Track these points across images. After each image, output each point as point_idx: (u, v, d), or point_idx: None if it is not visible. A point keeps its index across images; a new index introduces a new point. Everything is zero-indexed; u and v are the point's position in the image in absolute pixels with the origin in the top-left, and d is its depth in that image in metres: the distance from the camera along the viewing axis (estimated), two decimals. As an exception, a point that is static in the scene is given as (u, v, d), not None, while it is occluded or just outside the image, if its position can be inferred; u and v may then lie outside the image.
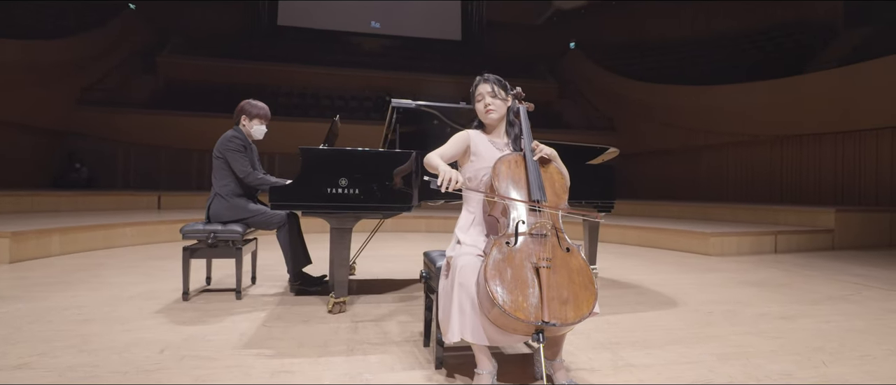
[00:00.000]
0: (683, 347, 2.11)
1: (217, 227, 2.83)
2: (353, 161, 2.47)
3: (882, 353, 2.08)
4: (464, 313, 1.56)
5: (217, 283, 3.27)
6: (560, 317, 1.46)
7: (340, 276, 2.55)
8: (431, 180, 1.65)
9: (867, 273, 4.10)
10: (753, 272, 4.14)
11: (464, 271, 1.58)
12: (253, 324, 2.37)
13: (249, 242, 3.09)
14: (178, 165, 10.42)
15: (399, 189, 2.52)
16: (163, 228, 5.42)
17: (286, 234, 2.95)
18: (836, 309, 2.86)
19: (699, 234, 5.19)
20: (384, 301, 2.90)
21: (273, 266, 3.92)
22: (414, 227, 7.03)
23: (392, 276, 3.72)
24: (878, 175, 7.94)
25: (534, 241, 1.59)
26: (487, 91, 1.90)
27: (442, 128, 2.87)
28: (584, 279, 1.55)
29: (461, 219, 1.89)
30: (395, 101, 2.58)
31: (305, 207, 2.45)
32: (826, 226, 5.88)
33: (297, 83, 13.39)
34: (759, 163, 9.78)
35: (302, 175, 2.45)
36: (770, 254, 5.32)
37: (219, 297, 2.89)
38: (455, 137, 1.91)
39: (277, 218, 2.94)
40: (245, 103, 3.06)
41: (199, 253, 2.84)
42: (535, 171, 1.73)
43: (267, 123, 3.10)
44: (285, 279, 3.41)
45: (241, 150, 2.93)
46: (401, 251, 5.12)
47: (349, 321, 2.44)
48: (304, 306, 2.71)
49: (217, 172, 2.95)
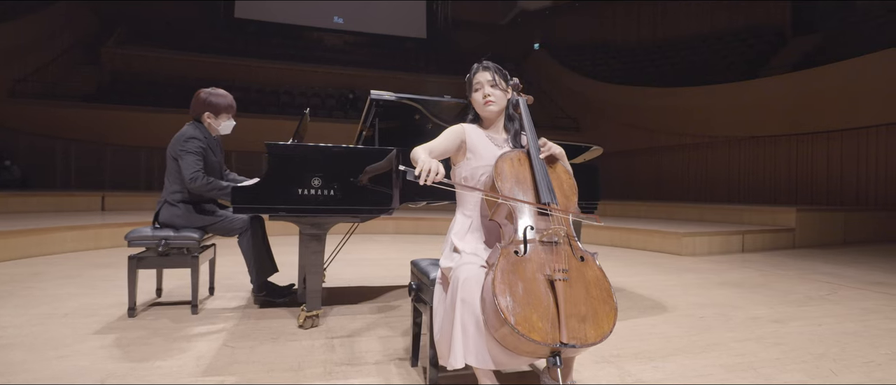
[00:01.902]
0: (687, 358, 1.99)
1: (169, 232, 2.50)
2: (327, 159, 2.22)
3: (883, 359, 2.03)
4: (467, 334, 1.36)
5: (169, 295, 2.92)
6: (579, 337, 1.28)
7: (313, 287, 2.29)
8: (408, 170, 1.40)
9: (834, 271, 4.18)
10: (728, 272, 4.14)
11: (466, 285, 1.38)
12: (213, 344, 2.08)
13: (207, 249, 2.77)
14: (125, 164, 9.69)
15: (378, 189, 2.29)
16: (107, 233, 4.93)
17: (249, 241, 2.65)
18: (822, 310, 2.83)
19: (672, 234, 5.19)
20: (360, 312, 2.65)
21: (233, 274, 3.59)
22: (382, 229, 6.77)
23: (365, 283, 3.47)
24: (829, 175, 8.30)
25: (545, 249, 1.41)
26: (487, 80, 1.70)
27: (423, 123, 2.65)
28: (602, 292, 1.38)
29: (456, 224, 1.69)
30: (374, 93, 2.35)
31: (273, 211, 2.18)
32: (787, 225, 6.04)
33: (255, 78, 12.81)
34: (718, 163, 10.07)
35: (269, 174, 2.18)
36: (738, 253, 5.39)
37: (171, 312, 2.57)
38: (448, 132, 1.70)
39: (239, 223, 2.64)
40: (207, 95, 2.64)
41: (148, 262, 2.50)
42: (542, 171, 1.55)
43: (233, 115, 2.76)
44: (248, 289, 3.10)
45: (197, 151, 2.52)
46: (371, 254, 4.86)
47: (324, 337, 2.19)
48: (271, 321, 2.43)
49: (170, 175, 2.59)
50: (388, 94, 2.37)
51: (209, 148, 2.62)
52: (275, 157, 2.17)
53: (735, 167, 9.72)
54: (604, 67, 14.44)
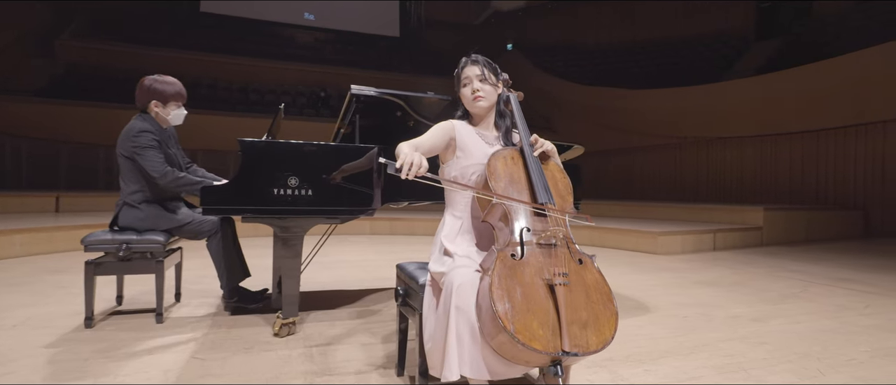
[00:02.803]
0: (677, 360, 1.96)
1: (131, 236, 2.32)
2: (305, 157, 2.10)
3: (864, 356, 2.05)
4: (462, 343, 1.27)
5: (131, 303, 2.73)
6: (581, 344, 1.21)
7: (290, 292, 2.16)
8: (389, 163, 1.30)
9: (803, 268, 4.29)
10: (703, 271, 4.19)
11: (461, 292, 1.29)
12: (180, 355, 1.93)
13: (173, 253, 2.59)
14: (82, 162, 9.18)
15: (359, 189, 2.18)
16: (61, 236, 4.62)
17: (219, 244, 2.49)
18: (798, 308, 2.88)
19: (648, 233, 5.24)
20: (338, 318, 2.53)
21: (200, 278, 3.40)
22: (358, 229, 6.61)
23: (342, 286, 3.34)
24: (791, 176, 8.60)
25: (543, 252, 1.34)
26: (476, 74, 1.62)
27: (405, 121, 2.56)
28: (602, 296, 1.32)
29: (445, 226, 1.60)
30: (355, 88, 2.24)
31: (247, 212, 2.04)
32: (755, 223, 6.20)
33: (222, 75, 12.37)
34: (687, 164, 10.32)
35: (242, 173, 2.04)
36: (710, 251, 5.49)
37: (134, 322, 2.39)
38: (436, 128, 1.61)
39: (208, 225, 2.48)
40: (151, 82, 2.44)
41: (107, 268, 2.32)
42: (537, 169, 1.48)
43: (184, 104, 2.59)
44: (218, 295, 2.93)
45: (153, 145, 2.35)
46: (348, 256, 4.72)
47: (302, 346, 2.06)
48: (243, 329, 2.29)
49: (125, 175, 2.40)
50: (369, 89, 2.27)
51: (162, 141, 2.44)
52: (248, 154, 2.04)
53: (703, 167, 9.98)
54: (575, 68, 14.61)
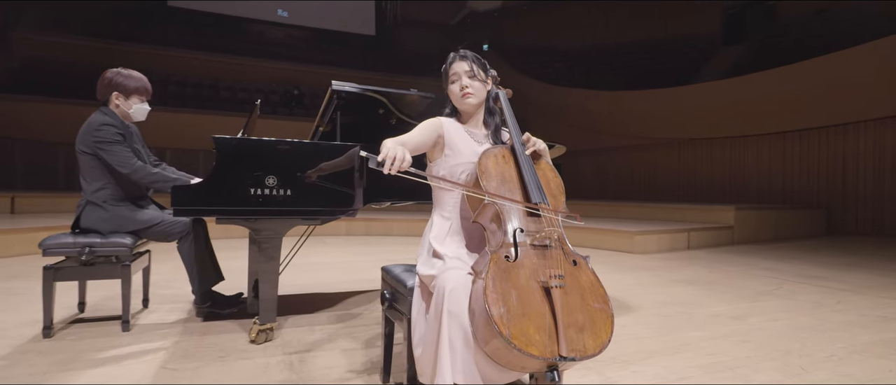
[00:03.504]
0: (664, 360, 1.96)
1: (94, 239, 2.18)
2: (285, 155, 2.01)
3: (843, 352, 2.09)
4: (455, 350, 1.22)
5: (94, 310, 2.58)
6: (578, 349, 1.17)
7: (268, 296, 2.07)
8: (370, 157, 1.23)
9: (774, 266, 4.40)
10: (679, 269, 4.25)
11: (454, 296, 1.24)
12: (149, 366, 1.81)
13: (141, 256, 2.45)
14: (40, 161, 8.74)
15: (340, 189, 2.11)
16: (17, 239, 4.36)
17: (191, 246, 2.37)
18: (774, 305, 2.93)
19: (625, 232, 5.30)
20: (317, 322, 2.44)
21: (170, 281, 3.25)
22: (334, 230, 6.48)
23: (320, 289, 3.25)
24: (759, 176, 8.87)
25: (537, 253, 1.30)
26: (465, 70, 1.57)
27: (387, 118, 2.49)
28: (597, 299, 1.28)
29: (434, 227, 1.54)
30: (336, 84, 2.16)
31: (222, 213, 1.94)
32: (727, 223, 6.35)
33: (191, 71, 11.99)
34: (659, 164, 10.54)
35: (217, 172, 1.94)
36: (684, 250, 5.59)
37: (97, 330, 2.25)
38: (424, 125, 1.56)
39: (179, 227, 2.35)
40: (114, 74, 2.34)
41: (68, 273, 2.17)
42: (529, 168, 1.44)
43: (149, 99, 2.46)
44: (189, 300, 2.80)
45: (117, 139, 2.23)
46: (324, 258, 4.61)
47: (280, 353, 1.97)
48: (218, 336, 2.18)
49: (87, 172, 2.26)
50: (351, 85, 2.19)
51: (126, 136, 2.31)
52: (224, 152, 1.93)
53: (675, 168, 10.20)
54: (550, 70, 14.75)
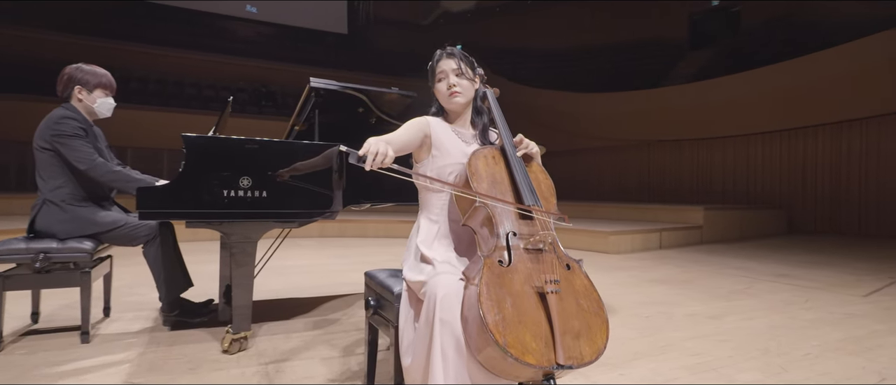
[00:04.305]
0: (650, 362, 1.95)
1: (50, 244, 2.03)
2: (261, 155, 1.91)
3: (818, 350, 2.14)
4: (447, 359, 1.16)
5: (49, 321, 2.40)
6: (575, 356, 1.14)
7: (242, 303, 1.96)
8: (351, 152, 1.17)
9: (744, 265, 4.52)
10: (654, 269, 4.32)
11: (446, 303, 1.18)
12: (113, 381, 1.69)
13: (102, 262, 2.30)
14: (-11, 160, 8.25)
15: (319, 190, 2.02)
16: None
17: (158, 251, 2.23)
18: (748, 304, 2.99)
19: (600, 233, 5.36)
20: (294, 329, 2.34)
21: (133, 287, 3.08)
22: (306, 232, 6.32)
23: (294, 294, 3.13)
24: (724, 177, 9.15)
25: (531, 257, 1.26)
26: (452, 68, 1.52)
27: (367, 118, 2.42)
28: (592, 303, 1.25)
29: (421, 230, 1.48)
30: (314, 81, 2.07)
31: (193, 217, 1.83)
32: (696, 222, 6.51)
33: (155, 68, 11.53)
34: (630, 165, 10.75)
35: (187, 173, 1.83)
36: (657, 249, 5.70)
37: (54, 342, 2.09)
38: (410, 124, 1.50)
39: (144, 230, 2.21)
40: (75, 68, 2.22)
41: (20, 282, 2.01)
42: (521, 170, 1.40)
43: (113, 95, 2.32)
44: (154, 307, 2.65)
45: (78, 133, 2.11)
46: (297, 261, 4.47)
47: (256, 363, 1.87)
48: (188, 346, 2.06)
49: (44, 170, 2.12)
50: (331, 82, 2.11)
51: (88, 133, 2.18)
52: (195, 152, 1.82)
53: (645, 169, 10.42)
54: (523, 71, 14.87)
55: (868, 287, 3.53)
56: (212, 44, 13.08)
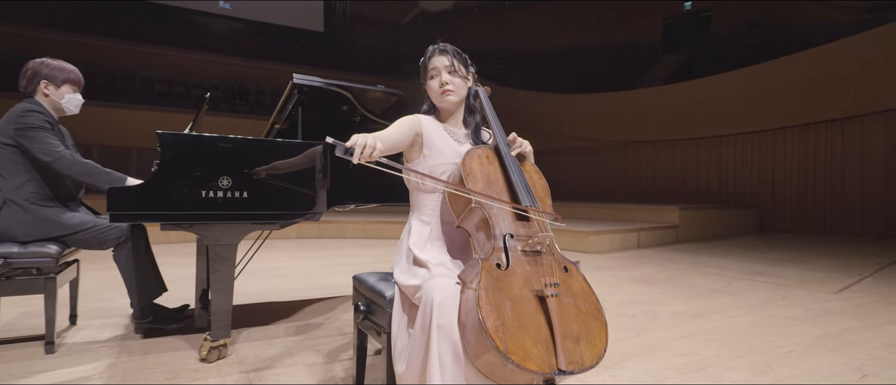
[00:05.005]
0: (640, 362, 1.95)
1: (12, 248, 1.90)
2: (242, 153, 1.83)
3: (800, 347, 2.18)
4: (444, 367, 1.12)
5: (8, 329, 2.26)
6: (576, 361, 1.11)
7: (221, 309, 1.87)
8: (337, 144, 1.11)
9: (720, 263, 4.61)
10: (634, 269, 4.36)
11: (443, 309, 1.14)
12: (81, 394, 1.58)
13: (68, 267, 2.17)
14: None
15: (302, 190, 1.95)
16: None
17: (129, 255, 2.12)
18: (728, 303, 3.04)
19: (581, 233, 5.39)
20: (275, 335, 2.26)
21: (101, 292, 2.93)
22: (283, 233, 6.17)
23: (273, 298, 3.04)
24: (697, 177, 9.36)
25: (529, 260, 1.22)
26: (445, 65, 1.48)
27: (351, 116, 2.35)
28: (590, 306, 1.23)
29: (413, 232, 1.43)
30: (297, 78, 1.99)
31: (169, 219, 1.73)
32: (672, 222, 6.63)
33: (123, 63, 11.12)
34: (607, 166, 10.90)
35: (163, 172, 1.73)
36: (635, 249, 5.77)
37: (14, 354, 1.96)
38: (401, 122, 1.45)
39: (115, 232, 2.10)
40: (40, 62, 2.09)
41: (-20, 289, 1.88)
42: (516, 170, 1.37)
43: (81, 91, 2.21)
44: (125, 314, 2.52)
45: (44, 125, 1.99)
46: (275, 263, 4.35)
47: (237, 372, 1.79)
48: (163, 355, 1.96)
49: (6, 167, 1.98)
50: (314, 79, 2.04)
51: (53, 125, 2.05)
52: (171, 150, 1.73)
53: (621, 169, 10.58)
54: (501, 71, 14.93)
55: (838, 284, 3.63)
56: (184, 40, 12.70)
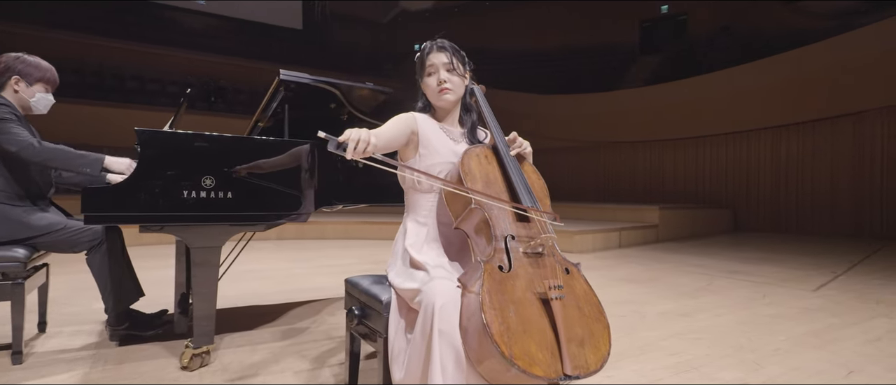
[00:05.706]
0: (632, 363, 1.94)
1: (-24, 252, 1.79)
2: (227, 152, 1.75)
3: (787, 345, 2.21)
4: (446, 373, 1.08)
5: (-26, 338, 2.13)
6: (581, 365, 1.08)
7: (204, 314, 1.79)
8: (330, 139, 1.06)
9: (701, 262, 4.68)
10: (618, 268, 4.40)
11: (444, 313, 1.10)
12: (53, 407, 1.49)
13: (37, 272, 2.05)
14: None
15: (288, 191, 1.88)
16: None
17: (104, 259, 2.01)
18: (713, 301, 3.08)
19: (566, 232, 5.41)
20: (260, 341, 2.18)
21: (71, 297, 2.79)
22: (263, 234, 6.03)
23: (256, 301, 2.95)
24: (675, 178, 9.53)
25: (531, 262, 1.19)
26: (443, 62, 1.43)
27: (338, 114, 2.29)
28: (593, 309, 1.21)
29: (409, 233, 1.39)
30: (284, 74, 1.92)
31: (148, 220, 1.65)
32: (652, 222, 6.72)
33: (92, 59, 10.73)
34: (586, 166, 11.02)
35: (141, 172, 1.64)
36: (617, 248, 5.83)
37: (-20, 363, 1.84)
38: (396, 119, 1.40)
39: (89, 234, 1.99)
40: (14, 59, 1.98)
41: (-60, 296, 1.76)
42: (516, 170, 1.34)
43: (53, 91, 2.10)
44: (98, 320, 2.41)
45: (9, 117, 1.87)
46: (255, 265, 4.24)
47: (221, 379, 1.71)
48: (140, 363, 1.86)
49: None
50: (302, 75, 1.97)
51: (20, 118, 1.94)
52: (151, 148, 1.64)
53: (600, 170, 10.72)
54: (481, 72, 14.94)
55: (815, 282, 3.72)
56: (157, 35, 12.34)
